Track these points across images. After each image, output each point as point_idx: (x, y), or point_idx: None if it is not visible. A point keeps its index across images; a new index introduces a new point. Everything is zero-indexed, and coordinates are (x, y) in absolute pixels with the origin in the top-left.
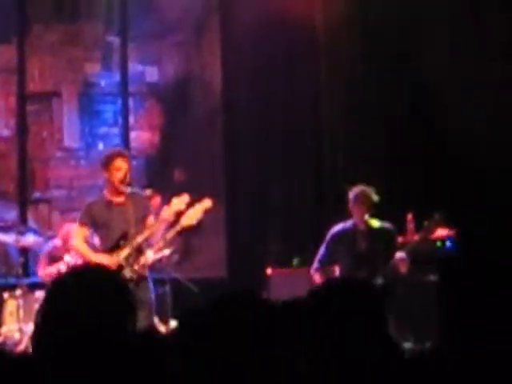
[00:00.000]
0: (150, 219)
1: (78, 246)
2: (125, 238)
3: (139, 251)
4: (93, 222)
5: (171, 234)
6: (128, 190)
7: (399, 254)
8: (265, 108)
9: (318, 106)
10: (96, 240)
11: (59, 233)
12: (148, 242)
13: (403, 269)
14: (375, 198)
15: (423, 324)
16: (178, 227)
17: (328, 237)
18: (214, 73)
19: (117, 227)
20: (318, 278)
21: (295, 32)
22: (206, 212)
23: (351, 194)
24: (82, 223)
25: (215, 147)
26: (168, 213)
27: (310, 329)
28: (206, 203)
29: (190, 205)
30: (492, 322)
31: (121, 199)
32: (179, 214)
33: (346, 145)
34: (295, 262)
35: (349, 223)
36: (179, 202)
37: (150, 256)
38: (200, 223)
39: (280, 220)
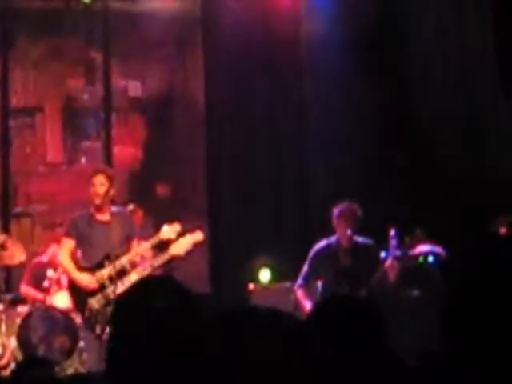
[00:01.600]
0: (135, 243)
1: (62, 261)
2: (108, 257)
3: (123, 272)
4: (77, 235)
5: (159, 261)
6: (113, 208)
7: (389, 261)
8: (248, 122)
9: (301, 118)
10: (79, 254)
11: (46, 253)
12: (133, 264)
13: (392, 276)
14: (360, 213)
15: (405, 339)
16: (166, 255)
17: (311, 253)
18: (197, 87)
19: (100, 246)
20: (300, 294)
21: (278, 46)
22: (196, 245)
23: (336, 210)
24: (68, 235)
25: (198, 162)
26: (156, 240)
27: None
28: (198, 236)
29: (180, 234)
30: (476, 337)
31: (105, 217)
32: (169, 242)
33: (329, 160)
34: (264, 276)
35: (332, 239)
36: (170, 230)
37: (133, 278)
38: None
39: (264, 234)
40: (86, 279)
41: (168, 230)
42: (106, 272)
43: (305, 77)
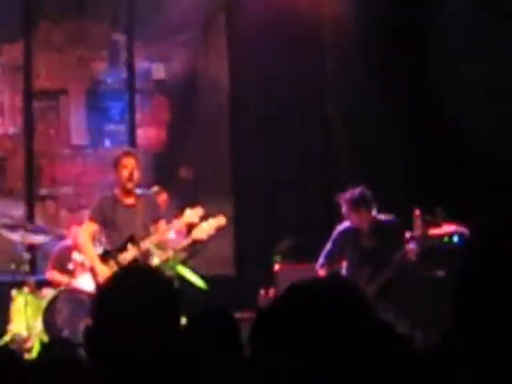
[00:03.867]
0: (162, 224)
1: (83, 244)
2: (132, 240)
3: (146, 255)
4: (102, 218)
5: (181, 244)
6: (138, 191)
7: (410, 244)
8: (271, 104)
9: (324, 102)
10: (103, 237)
11: (69, 234)
12: (156, 248)
13: (412, 256)
14: (369, 194)
15: (431, 320)
16: (188, 239)
17: (334, 234)
18: (220, 70)
19: (124, 229)
20: (322, 274)
21: (302, 29)
22: (219, 230)
23: (346, 200)
24: (92, 218)
25: (222, 144)
26: (180, 224)
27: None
28: (220, 220)
29: (202, 218)
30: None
31: (130, 200)
32: (191, 226)
33: (353, 141)
34: (276, 259)
35: None
36: (192, 214)
37: (155, 262)
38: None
39: (287, 216)
40: (104, 272)
41: (191, 214)
42: (128, 255)
43: (328, 59)
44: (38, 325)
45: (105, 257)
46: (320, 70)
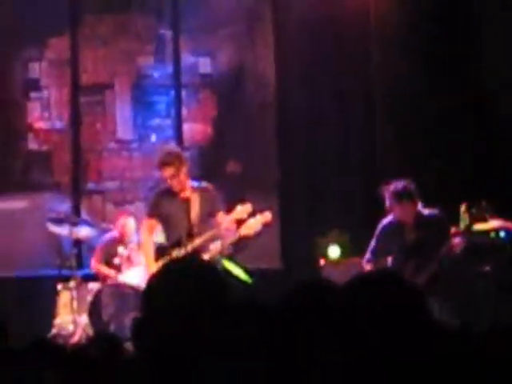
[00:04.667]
0: (221, 215)
1: (142, 241)
2: (188, 235)
3: (200, 249)
4: (158, 213)
5: (230, 240)
6: (194, 183)
7: (456, 238)
8: (317, 99)
9: (370, 97)
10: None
11: (116, 226)
12: (210, 242)
13: (457, 250)
14: (413, 187)
15: (475, 314)
16: (236, 235)
17: (378, 228)
18: (266, 64)
19: (179, 223)
20: (369, 269)
21: (347, 21)
22: (265, 225)
23: (391, 193)
24: (150, 215)
25: (268, 138)
26: (230, 219)
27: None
28: (266, 216)
29: (250, 214)
30: None
31: (185, 194)
32: (240, 222)
33: (399, 138)
34: (333, 253)
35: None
36: (242, 210)
37: (207, 256)
38: (253, 214)
39: (334, 210)
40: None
41: (240, 210)
42: (182, 250)
43: (374, 51)
44: (84, 319)
45: (160, 252)
46: (366, 63)
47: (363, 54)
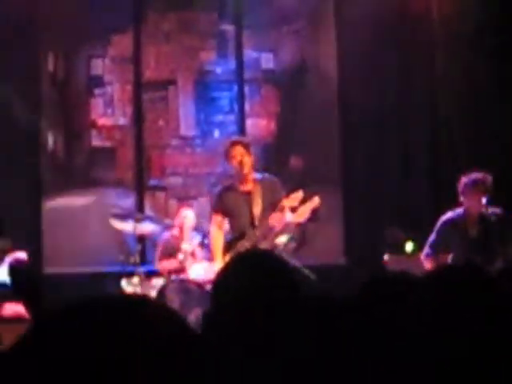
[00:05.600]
0: (284, 209)
1: (212, 237)
2: (251, 226)
3: (265, 242)
4: (223, 208)
5: (283, 229)
6: (258, 176)
7: None
8: (380, 96)
9: (433, 95)
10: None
11: (175, 220)
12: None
13: None
14: (491, 183)
15: None
16: (288, 223)
17: (439, 223)
18: (329, 61)
19: (243, 215)
20: (428, 264)
21: (411, 18)
22: (314, 210)
23: (467, 180)
24: (215, 210)
25: (331, 134)
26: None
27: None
28: (315, 201)
29: (302, 202)
30: None
31: (248, 186)
32: (292, 211)
33: (463, 134)
34: (408, 247)
35: (459, 211)
36: (293, 198)
37: (264, 246)
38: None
39: (396, 206)
40: (221, 264)
41: (292, 198)
42: (247, 244)
43: (437, 48)
44: None
45: (225, 246)
46: (430, 61)
47: (427, 53)
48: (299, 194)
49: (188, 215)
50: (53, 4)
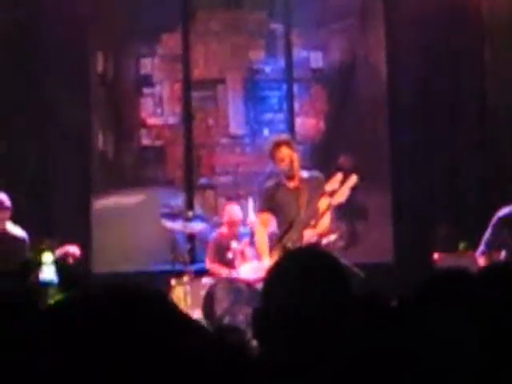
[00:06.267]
0: (324, 200)
1: (258, 236)
2: (297, 223)
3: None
4: (270, 206)
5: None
6: (305, 174)
7: None
8: (430, 94)
9: (484, 93)
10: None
11: (223, 217)
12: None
13: None
14: None
15: None
16: (329, 204)
17: (494, 220)
18: (379, 59)
19: (289, 213)
20: (482, 262)
21: (460, 14)
22: (353, 188)
23: None
24: (263, 208)
25: (380, 133)
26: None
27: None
28: (353, 179)
29: (341, 183)
30: None
31: (294, 183)
32: (333, 193)
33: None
34: (461, 246)
35: None
36: (334, 181)
37: (308, 234)
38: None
39: (446, 204)
40: (268, 262)
41: (332, 182)
42: (290, 241)
43: (486, 45)
44: (197, 314)
45: (273, 243)
46: (478, 56)
47: (476, 47)
48: (338, 176)
49: (234, 210)
50: (102, 4)
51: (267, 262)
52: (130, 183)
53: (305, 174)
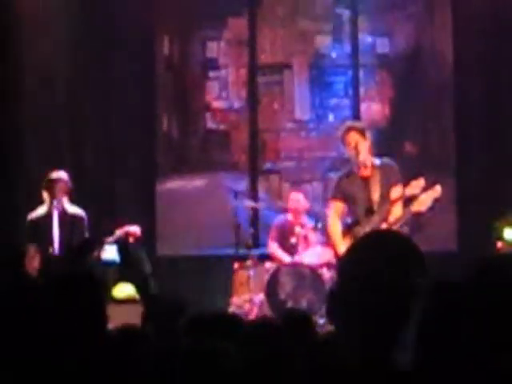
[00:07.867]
0: (396, 189)
1: (331, 224)
2: (368, 212)
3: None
4: (342, 195)
5: (402, 217)
6: (377, 161)
7: None
8: (496, 80)
9: None
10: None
11: (288, 204)
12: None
13: None
14: None
15: None
16: (409, 212)
17: None
18: (445, 46)
19: (360, 201)
20: None
21: None
22: (435, 201)
23: None
24: (335, 198)
25: (446, 121)
26: (401, 195)
27: None
28: (436, 191)
29: (423, 189)
30: None
31: (367, 172)
32: (413, 198)
33: None
34: (507, 235)
35: None
36: (415, 185)
37: (376, 223)
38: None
39: (509, 193)
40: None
41: (414, 185)
42: (362, 230)
43: None
44: (260, 298)
45: (344, 232)
46: None
47: None
48: (421, 182)
49: (299, 198)
50: None
51: (340, 249)
52: (195, 167)
53: (377, 161)
